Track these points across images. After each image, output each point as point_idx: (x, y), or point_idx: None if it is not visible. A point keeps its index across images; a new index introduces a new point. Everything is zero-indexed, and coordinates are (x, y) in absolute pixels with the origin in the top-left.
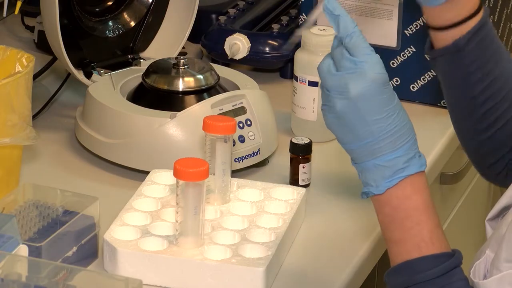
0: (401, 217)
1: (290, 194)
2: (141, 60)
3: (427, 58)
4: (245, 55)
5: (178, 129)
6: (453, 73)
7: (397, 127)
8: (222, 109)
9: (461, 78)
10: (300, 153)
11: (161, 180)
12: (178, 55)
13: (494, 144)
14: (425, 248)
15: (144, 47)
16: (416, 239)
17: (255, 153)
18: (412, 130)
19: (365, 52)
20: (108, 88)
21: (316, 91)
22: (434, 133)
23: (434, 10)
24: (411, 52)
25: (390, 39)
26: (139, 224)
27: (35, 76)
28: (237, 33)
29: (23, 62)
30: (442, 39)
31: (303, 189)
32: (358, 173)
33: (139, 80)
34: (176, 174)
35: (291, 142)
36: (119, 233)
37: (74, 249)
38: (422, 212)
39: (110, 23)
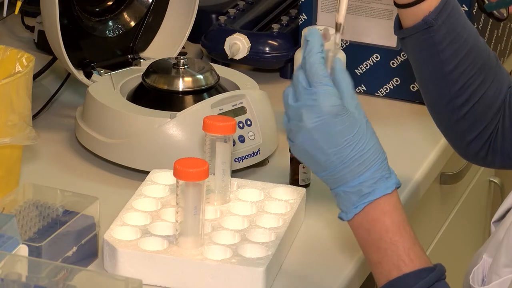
0: (375, 239)
1: (290, 194)
2: (141, 60)
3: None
4: (245, 55)
5: (178, 129)
6: (425, 51)
7: (357, 154)
8: (222, 109)
9: (433, 55)
10: None
11: (161, 180)
12: (178, 55)
13: (470, 121)
14: (404, 266)
15: (144, 47)
16: (393, 259)
17: (255, 153)
18: (379, 152)
19: (322, 82)
20: (108, 88)
21: None
22: (434, 133)
23: None
24: None
25: (390, 39)
26: (139, 224)
27: (35, 76)
28: (237, 33)
29: (23, 62)
30: (412, 16)
31: (303, 189)
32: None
33: (139, 80)
34: (176, 174)
35: None
36: (119, 233)
37: (74, 249)
38: (395, 233)
39: (110, 23)
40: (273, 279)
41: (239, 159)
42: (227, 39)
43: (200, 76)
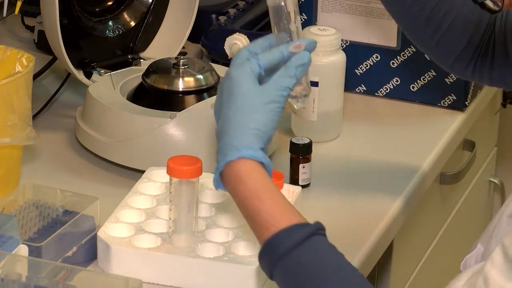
0: (241, 206)
1: (285, 193)
2: (141, 60)
3: (427, 57)
4: None
5: (178, 129)
6: None
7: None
8: None
9: None
10: (300, 153)
11: (157, 178)
12: (178, 55)
13: (445, 47)
14: (272, 227)
15: (144, 47)
16: (260, 223)
17: None
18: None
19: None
20: (108, 88)
21: (316, 91)
22: (434, 133)
23: None
24: (411, 52)
25: (390, 39)
26: (133, 221)
27: (35, 76)
28: (237, 33)
29: (23, 62)
30: None
31: (299, 188)
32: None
33: (139, 80)
34: (169, 171)
35: (291, 142)
36: (113, 230)
37: (74, 249)
38: (253, 199)
39: (110, 23)
40: (266, 278)
41: None
42: (227, 39)
43: (200, 76)
